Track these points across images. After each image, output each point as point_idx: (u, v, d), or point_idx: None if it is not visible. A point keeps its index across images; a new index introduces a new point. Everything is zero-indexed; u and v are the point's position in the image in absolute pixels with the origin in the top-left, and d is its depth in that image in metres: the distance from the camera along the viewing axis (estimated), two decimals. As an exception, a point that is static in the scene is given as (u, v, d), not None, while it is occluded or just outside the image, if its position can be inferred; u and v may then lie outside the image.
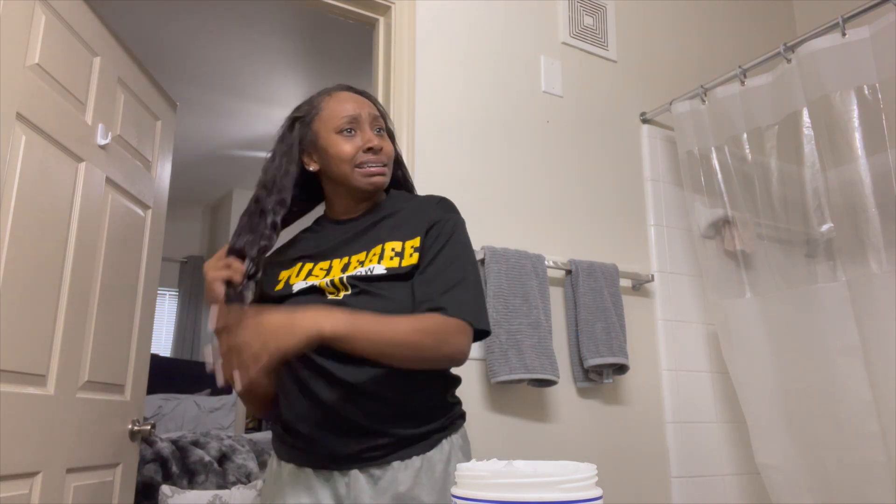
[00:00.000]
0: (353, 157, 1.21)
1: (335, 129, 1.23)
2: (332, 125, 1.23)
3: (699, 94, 2.25)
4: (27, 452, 1.49)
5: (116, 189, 1.88)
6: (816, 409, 1.88)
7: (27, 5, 1.50)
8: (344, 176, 1.23)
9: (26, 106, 1.48)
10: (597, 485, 0.65)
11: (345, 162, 1.22)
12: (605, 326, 2.04)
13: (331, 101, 1.26)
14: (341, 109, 1.24)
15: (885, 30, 1.77)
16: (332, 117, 1.24)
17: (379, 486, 1.12)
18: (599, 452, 2.06)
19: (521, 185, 2.14)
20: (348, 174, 1.22)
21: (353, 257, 1.20)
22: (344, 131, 1.23)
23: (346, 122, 1.23)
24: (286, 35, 3.55)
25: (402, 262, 1.17)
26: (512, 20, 2.26)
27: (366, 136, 1.23)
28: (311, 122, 1.26)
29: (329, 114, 1.24)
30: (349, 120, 1.23)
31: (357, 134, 1.23)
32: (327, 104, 1.26)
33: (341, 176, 1.23)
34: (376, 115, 1.27)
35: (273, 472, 1.21)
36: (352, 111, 1.24)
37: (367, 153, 1.22)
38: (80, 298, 1.70)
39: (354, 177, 1.22)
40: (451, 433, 1.19)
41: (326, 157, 1.24)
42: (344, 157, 1.22)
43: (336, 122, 1.23)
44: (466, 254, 1.22)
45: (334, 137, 1.23)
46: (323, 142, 1.24)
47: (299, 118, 1.27)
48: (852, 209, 1.82)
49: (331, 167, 1.24)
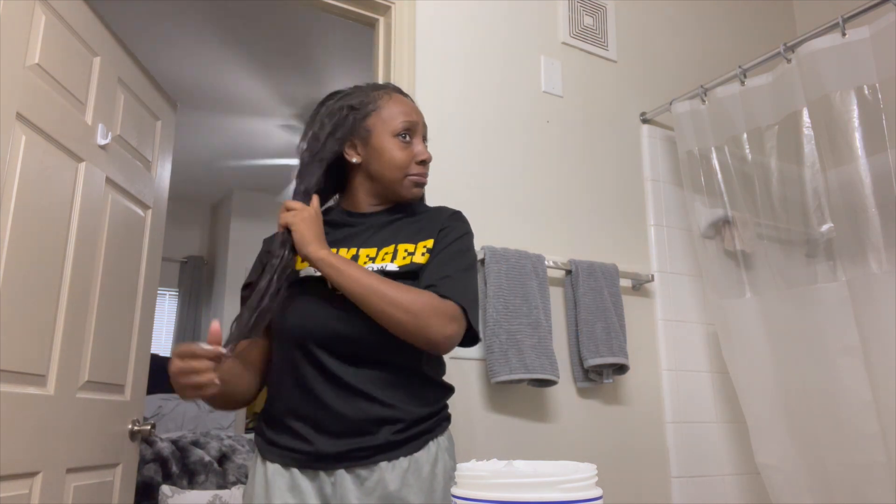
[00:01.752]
0: (406, 165, 1.24)
1: (392, 132, 1.24)
2: (390, 127, 1.24)
3: (699, 94, 2.25)
4: (27, 452, 1.49)
5: (116, 189, 1.89)
6: (816, 409, 1.88)
7: (27, 5, 1.50)
8: (392, 181, 1.24)
9: (26, 106, 1.48)
10: (597, 485, 0.65)
11: (398, 169, 1.24)
12: (605, 326, 2.04)
13: (390, 101, 1.27)
14: (401, 114, 1.25)
15: (885, 30, 1.77)
16: (391, 119, 1.24)
17: (365, 487, 1.11)
18: (599, 452, 2.06)
19: (521, 185, 2.14)
20: (398, 180, 1.24)
21: (362, 250, 1.21)
22: (401, 136, 1.24)
23: (404, 128, 1.24)
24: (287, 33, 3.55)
25: (413, 259, 1.18)
26: (512, 20, 2.26)
27: (419, 148, 1.26)
28: (366, 116, 1.25)
29: (388, 115, 1.25)
30: (407, 126, 1.25)
31: (411, 142, 1.25)
32: (386, 104, 1.26)
33: (389, 180, 1.25)
34: (426, 126, 1.30)
35: (257, 472, 1.19)
36: (412, 117, 1.26)
37: (419, 165, 1.25)
38: (80, 298, 1.70)
39: (403, 184, 1.25)
40: (437, 435, 1.20)
41: (378, 158, 1.24)
42: (399, 164, 1.23)
43: (395, 125, 1.24)
44: (470, 259, 1.25)
45: (391, 141, 1.24)
46: (377, 141, 1.24)
47: (354, 108, 1.26)
48: (852, 209, 1.82)
49: (379, 168, 1.24)
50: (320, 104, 1.29)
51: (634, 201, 2.37)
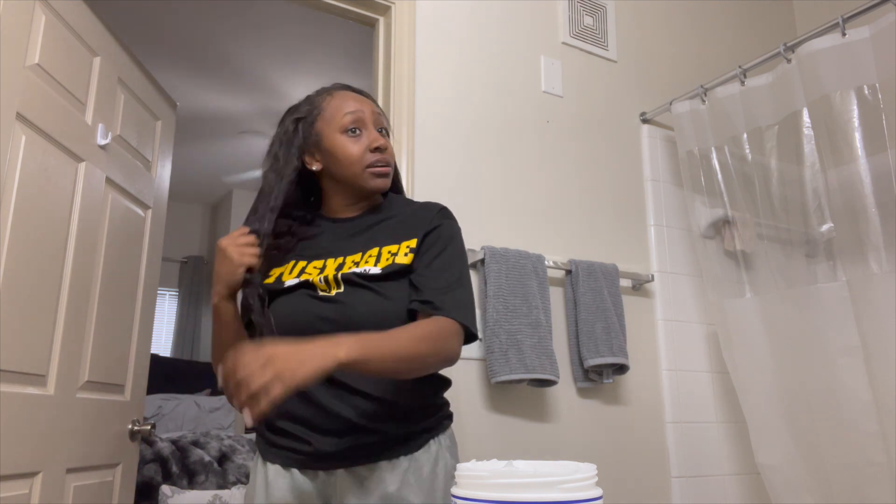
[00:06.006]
0: (361, 157, 1.21)
1: (340, 129, 1.22)
2: (336, 125, 1.22)
3: (699, 94, 2.25)
4: (27, 452, 1.49)
5: (116, 189, 1.88)
6: (816, 409, 1.88)
7: (27, 5, 1.50)
8: (353, 177, 1.22)
9: (26, 106, 1.48)
10: (597, 485, 0.65)
11: (354, 163, 1.21)
12: (605, 326, 2.04)
13: (332, 100, 1.25)
14: (345, 108, 1.23)
15: (885, 30, 1.77)
16: (335, 117, 1.23)
17: (365, 487, 1.11)
18: (599, 452, 2.06)
19: (522, 185, 2.14)
20: (358, 175, 1.22)
21: (347, 258, 1.20)
22: (349, 131, 1.22)
23: (350, 121, 1.22)
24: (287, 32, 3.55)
25: (395, 259, 1.17)
26: (512, 20, 2.26)
27: (371, 136, 1.22)
28: (313, 122, 1.24)
29: (332, 113, 1.23)
30: (354, 119, 1.22)
31: (362, 134, 1.22)
32: (329, 103, 1.25)
33: (350, 177, 1.22)
34: (378, 114, 1.27)
35: (258, 473, 1.19)
36: (356, 110, 1.23)
37: (374, 153, 1.22)
38: (80, 298, 1.70)
39: (364, 177, 1.22)
40: (438, 433, 1.19)
41: (332, 158, 1.23)
42: (353, 158, 1.21)
43: (340, 121, 1.22)
44: (462, 261, 1.23)
45: (340, 138, 1.22)
46: (328, 142, 1.22)
47: (301, 119, 1.25)
48: (852, 209, 1.82)
49: (337, 168, 1.23)
50: (278, 124, 1.29)
51: (634, 201, 2.37)
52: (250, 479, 1.22)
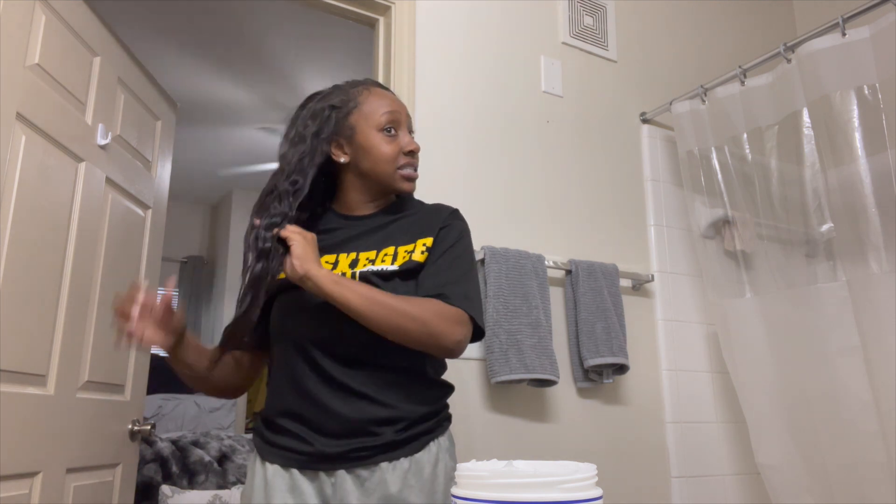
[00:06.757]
0: (395, 158, 1.22)
1: (377, 127, 1.22)
2: (373, 122, 1.22)
3: (699, 94, 2.25)
4: (27, 452, 1.49)
5: (116, 189, 1.88)
6: (816, 409, 1.88)
7: (27, 5, 1.50)
8: (383, 175, 1.23)
9: (26, 106, 1.48)
10: (597, 485, 0.65)
11: (388, 163, 1.22)
12: (605, 326, 2.04)
13: (370, 96, 1.25)
14: (383, 107, 1.24)
15: (885, 30, 1.77)
16: (374, 113, 1.23)
17: (366, 487, 1.11)
18: (599, 452, 2.05)
19: (522, 185, 2.14)
20: (389, 174, 1.23)
21: (361, 254, 1.20)
22: (385, 130, 1.22)
23: (387, 120, 1.23)
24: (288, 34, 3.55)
25: (412, 257, 1.18)
26: (512, 20, 2.26)
27: (405, 139, 1.24)
28: (348, 114, 1.23)
29: (370, 110, 1.23)
30: (391, 119, 1.23)
31: (397, 135, 1.24)
32: (367, 99, 1.25)
33: (379, 175, 1.23)
34: (409, 117, 1.29)
35: (256, 473, 1.18)
36: (394, 110, 1.24)
37: (407, 156, 1.24)
38: (80, 298, 1.70)
39: (395, 178, 1.23)
40: (438, 435, 1.19)
41: (365, 154, 1.23)
42: (387, 157, 1.22)
43: (378, 120, 1.23)
44: (470, 260, 1.24)
45: (376, 136, 1.22)
46: (362, 138, 1.22)
47: (335, 107, 1.24)
48: (852, 209, 1.82)
49: (367, 164, 1.23)
50: (300, 107, 1.28)
51: (634, 201, 2.37)
52: (247, 478, 1.21)
